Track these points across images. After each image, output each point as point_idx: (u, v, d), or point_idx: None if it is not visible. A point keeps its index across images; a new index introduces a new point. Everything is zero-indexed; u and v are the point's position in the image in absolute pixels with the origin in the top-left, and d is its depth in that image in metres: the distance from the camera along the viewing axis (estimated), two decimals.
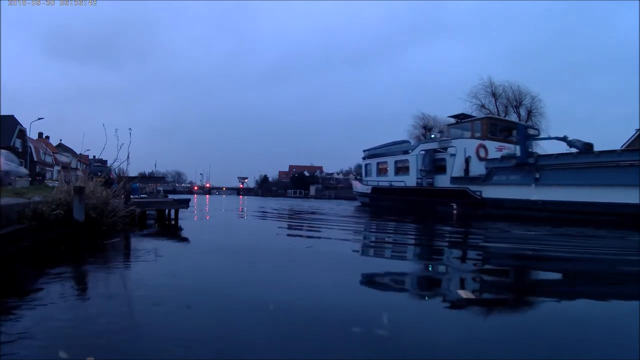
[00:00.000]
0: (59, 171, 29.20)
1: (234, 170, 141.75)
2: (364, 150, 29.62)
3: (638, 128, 26.00)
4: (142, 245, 6.99)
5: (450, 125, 23.31)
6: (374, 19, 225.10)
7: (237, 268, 5.25)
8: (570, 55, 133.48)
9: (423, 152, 21.39)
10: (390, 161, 24.67)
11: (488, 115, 20.31)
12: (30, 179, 25.93)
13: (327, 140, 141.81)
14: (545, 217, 14.43)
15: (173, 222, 11.15)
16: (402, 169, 23.42)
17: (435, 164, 20.73)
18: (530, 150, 16.84)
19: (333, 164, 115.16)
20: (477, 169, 18.60)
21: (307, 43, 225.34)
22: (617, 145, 23.72)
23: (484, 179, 17.75)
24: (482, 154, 19.14)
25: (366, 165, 27.75)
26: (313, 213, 19.59)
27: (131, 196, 10.63)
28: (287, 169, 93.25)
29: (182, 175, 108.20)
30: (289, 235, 10.59)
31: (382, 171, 25.60)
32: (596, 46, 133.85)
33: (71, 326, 2.75)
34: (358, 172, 34.03)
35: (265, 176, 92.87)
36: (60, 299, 3.40)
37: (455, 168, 19.27)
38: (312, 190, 73.67)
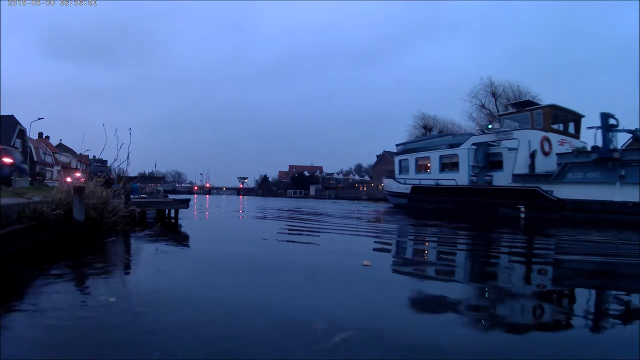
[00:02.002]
0: (59, 171, 29.24)
1: (234, 170, 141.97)
2: (397, 145, 26.77)
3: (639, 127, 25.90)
4: (142, 245, 6.98)
5: (502, 115, 20.28)
6: (375, 19, 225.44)
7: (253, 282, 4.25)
8: (570, 55, 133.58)
9: (474, 145, 18.89)
10: (433, 156, 21.77)
11: (551, 104, 17.73)
12: (30, 179, 25.93)
13: (327, 140, 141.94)
14: (637, 222, 12.38)
15: (173, 222, 11.16)
16: (449, 165, 20.81)
17: (488, 160, 18.36)
18: (612, 143, 14.26)
19: (333, 164, 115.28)
20: (541, 165, 16.41)
21: (307, 43, 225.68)
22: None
23: (556, 177, 15.32)
24: (546, 148, 16.80)
25: (400, 161, 24.88)
26: (343, 217, 16.41)
27: (131, 196, 10.64)
28: (287, 169, 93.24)
29: (182, 175, 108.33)
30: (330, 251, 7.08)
31: (422, 168, 22.86)
32: (596, 46, 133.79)
33: (71, 326, 2.75)
34: (388, 170, 29.94)
35: (265, 176, 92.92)
36: (59, 300, 3.40)
37: (518, 164, 16.85)
38: (312, 190, 73.67)
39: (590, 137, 16.53)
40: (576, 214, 14.30)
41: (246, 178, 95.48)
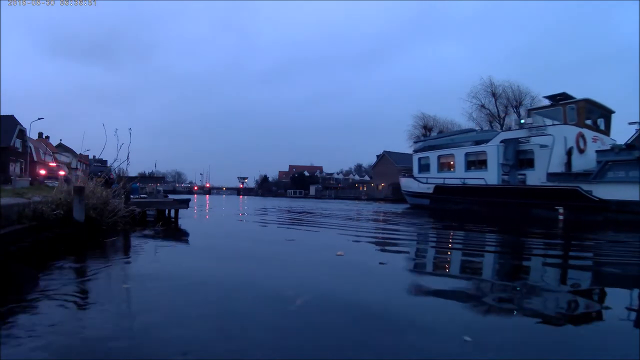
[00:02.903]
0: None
1: (234, 170, 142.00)
2: (415, 142, 25.85)
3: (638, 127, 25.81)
4: (142, 245, 6.98)
5: (532, 109, 18.80)
6: (375, 19, 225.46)
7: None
8: (571, 54, 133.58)
9: (503, 142, 17.72)
10: (458, 154, 20.37)
11: (586, 98, 16.55)
12: (30, 178, 25.95)
13: (327, 140, 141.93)
14: None
15: (173, 222, 11.15)
16: (475, 164, 19.43)
17: (517, 157, 17.16)
18: None
19: (333, 164, 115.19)
20: (576, 163, 15.36)
21: (308, 43, 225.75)
22: None
23: (596, 176, 14.26)
24: (581, 145, 15.73)
25: (420, 159, 23.42)
26: (360, 220, 15.09)
27: (131, 196, 10.64)
28: (287, 169, 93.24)
29: (182, 175, 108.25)
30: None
31: (445, 166, 21.47)
32: (596, 46, 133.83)
33: (71, 326, 2.75)
34: (404, 169, 28.76)
35: (265, 176, 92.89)
36: (58, 300, 3.40)
37: (553, 162, 15.73)
38: (312, 190, 73.65)
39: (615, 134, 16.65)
40: (618, 216, 13.44)
41: (246, 178, 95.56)
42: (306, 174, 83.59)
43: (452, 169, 20.89)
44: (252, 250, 6.86)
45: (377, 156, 63.28)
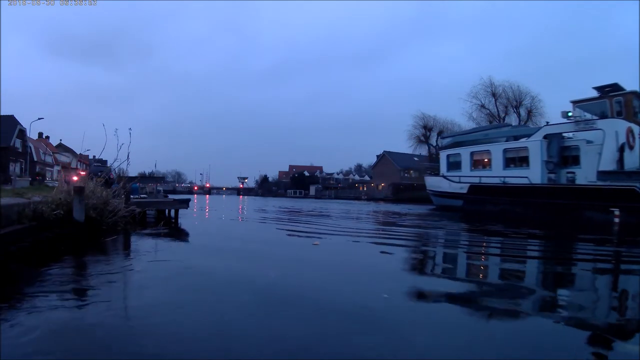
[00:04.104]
0: (59, 171, 29.26)
1: (234, 170, 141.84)
2: (443, 137, 24.21)
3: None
4: (142, 245, 6.98)
5: (576, 102, 16.79)
6: (375, 19, 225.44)
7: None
8: (570, 54, 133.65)
9: (547, 137, 16.32)
10: (495, 150, 18.69)
11: (634, 90, 15.44)
12: (30, 178, 25.96)
13: (327, 140, 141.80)
14: None
15: (173, 222, 11.16)
16: (515, 161, 17.81)
17: (562, 154, 15.89)
18: None
19: (333, 164, 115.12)
20: (626, 160, 14.28)
21: (308, 43, 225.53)
22: None
23: None
24: (631, 140, 14.68)
25: (449, 156, 21.69)
26: (386, 223, 13.98)
27: (131, 196, 10.64)
28: (287, 169, 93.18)
29: (182, 175, 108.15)
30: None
31: (479, 164, 19.81)
32: (596, 45, 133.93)
33: (70, 327, 2.76)
34: (429, 167, 26.66)
35: (265, 176, 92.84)
36: (57, 301, 3.40)
37: (605, 159, 14.42)
38: (312, 190, 73.61)
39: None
40: None
41: (246, 178, 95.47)
42: (306, 174, 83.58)
43: (488, 167, 19.08)
44: (251, 251, 6.88)
45: (377, 156, 63.28)
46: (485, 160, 19.49)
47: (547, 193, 15.67)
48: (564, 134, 16.08)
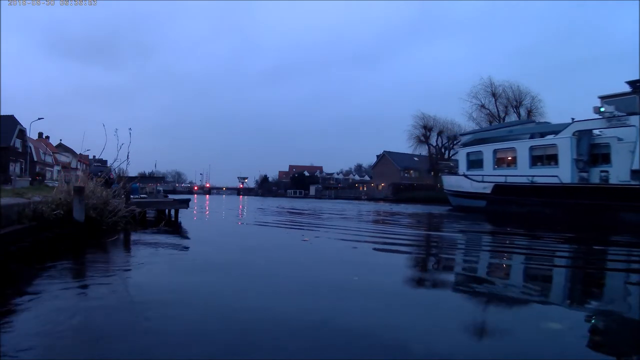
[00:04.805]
0: (59, 171, 29.27)
1: (234, 170, 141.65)
2: (462, 135, 23.24)
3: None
4: (142, 245, 6.99)
5: (604, 97, 16.05)
6: (375, 19, 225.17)
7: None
8: (571, 54, 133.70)
9: (577, 134, 15.60)
10: (521, 147, 17.76)
11: None
12: (30, 178, 25.96)
13: (327, 141, 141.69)
14: None
15: (173, 222, 11.16)
16: (542, 159, 16.98)
17: (591, 151, 15.19)
18: None
19: (333, 164, 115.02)
20: None
21: (308, 43, 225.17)
22: None
23: None
24: None
25: (469, 154, 20.74)
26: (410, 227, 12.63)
27: (131, 196, 10.64)
28: (287, 169, 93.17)
29: (182, 175, 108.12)
30: None
31: (503, 162, 18.84)
32: (597, 45, 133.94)
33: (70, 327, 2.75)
34: (447, 166, 25.53)
35: (265, 176, 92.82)
36: (56, 302, 3.40)
37: (638, 157, 13.84)
38: (312, 190, 73.61)
39: None
40: None
41: (246, 178, 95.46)
42: (306, 174, 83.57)
43: (513, 165, 18.10)
44: (250, 252, 6.89)
45: (377, 156, 63.30)
46: (510, 158, 18.51)
47: (580, 193, 14.86)
48: (596, 130, 15.38)
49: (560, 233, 10.76)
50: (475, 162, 20.20)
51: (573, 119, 16.88)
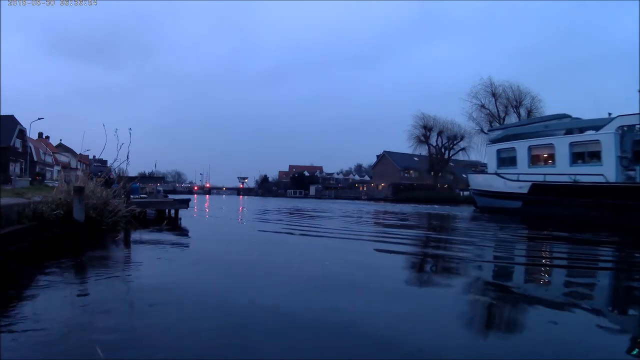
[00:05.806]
0: (59, 171, 29.30)
1: (234, 170, 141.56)
2: (490, 130, 21.64)
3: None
4: (142, 245, 6.98)
5: None
6: (375, 19, 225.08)
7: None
8: (571, 54, 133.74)
9: (621, 129, 14.51)
10: (559, 144, 16.30)
11: None
12: (30, 178, 25.97)
13: (327, 141, 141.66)
14: None
15: (173, 222, 11.15)
16: (583, 156, 15.70)
17: (634, 148, 14.25)
18: None
19: (333, 164, 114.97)
20: None
21: (308, 43, 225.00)
22: None
23: None
24: None
25: (499, 151, 19.13)
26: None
27: (131, 196, 10.64)
28: (287, 169, 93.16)
29: (182, 175, 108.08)
30: None
31: (539, 159, 17.46)
32: (597, 45, 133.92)
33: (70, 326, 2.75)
34: (475, 165, 24.49)
35: (265, 176, 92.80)
36: (56, 302, 3.40)
37: None
38: (312, 190, 73.61)
39: None
40: None
41: (246, 178, 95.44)
42: (306, 174, 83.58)
43: (551, 163, 16.75)
44: (249, 252, 6.90)
45: (377, 156, 63.33)
46: (547, 155, 17.09)
47: (629, 193, 13.60)
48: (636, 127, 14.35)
49: None
50: (507, 160, 18.63)
51: (610, 113, 15.71)
